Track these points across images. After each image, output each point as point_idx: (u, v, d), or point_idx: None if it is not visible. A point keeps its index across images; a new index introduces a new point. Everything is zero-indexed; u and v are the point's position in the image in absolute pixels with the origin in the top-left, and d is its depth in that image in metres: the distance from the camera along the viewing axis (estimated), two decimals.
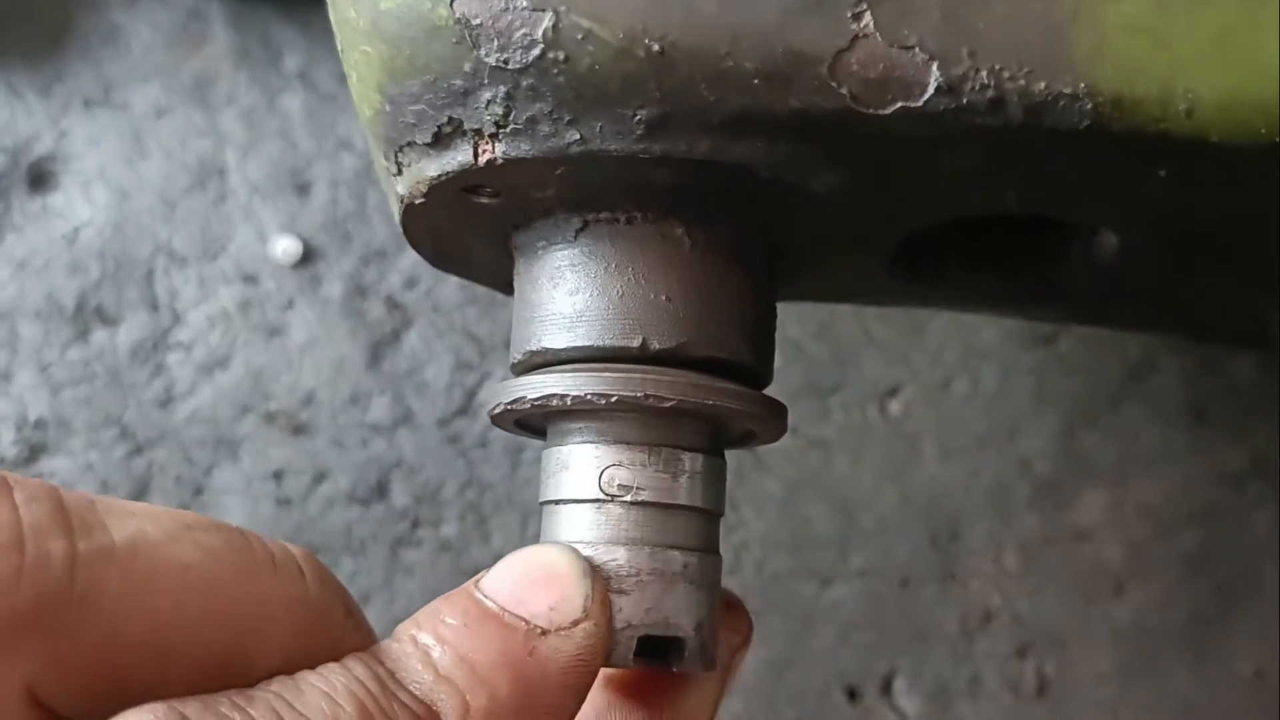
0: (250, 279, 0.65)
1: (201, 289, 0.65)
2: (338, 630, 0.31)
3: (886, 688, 0.61)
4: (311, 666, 0.29)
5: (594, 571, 0.33)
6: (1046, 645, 0.62)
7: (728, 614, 0.38)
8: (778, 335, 0.56)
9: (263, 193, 0.66)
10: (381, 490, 0.63)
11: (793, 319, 0.64)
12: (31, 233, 0.65)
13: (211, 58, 0.68)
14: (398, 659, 0.30)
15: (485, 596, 0.32)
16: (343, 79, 0.43)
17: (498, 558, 0.33)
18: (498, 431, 0.65)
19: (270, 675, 0.29)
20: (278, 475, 0.63)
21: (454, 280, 0.65)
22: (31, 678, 0.27)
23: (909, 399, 0.64)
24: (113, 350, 0.64)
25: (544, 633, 0.31)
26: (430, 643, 0.31)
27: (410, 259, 0.65)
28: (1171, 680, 0.62)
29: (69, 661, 0.27)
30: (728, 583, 0.62)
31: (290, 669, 0.29)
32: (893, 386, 0.64)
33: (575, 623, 0.32)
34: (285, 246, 0.65)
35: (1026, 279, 0.42)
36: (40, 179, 0.66)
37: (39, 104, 0.66)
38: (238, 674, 0.29)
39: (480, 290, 0.65)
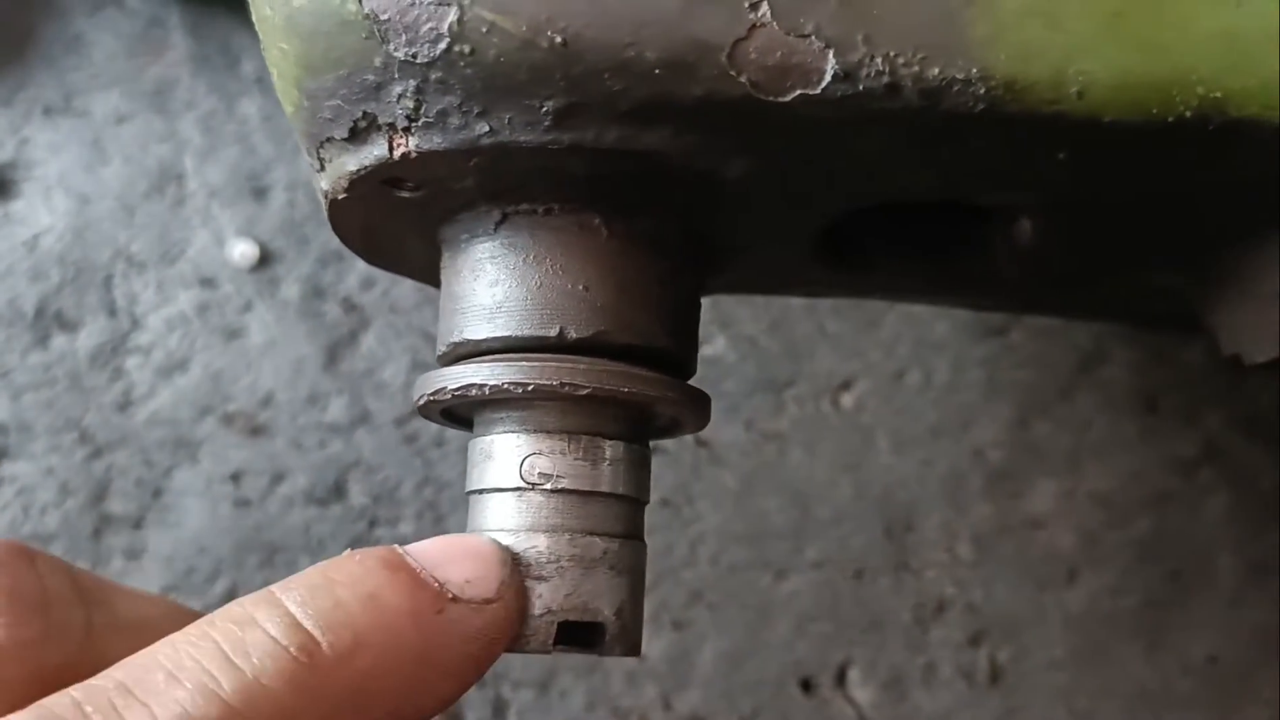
0: (208, 282, 0.65)
1: (160, 293, 0.65)
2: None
3: (841, 678, 0.62)
4: None
5: (515, 565, 0.34)
6: (1000, 633, 0.62)
7: None
8: (733, 331, 0.56)
9: (221, 197, 0.67)
10: (340, 490, 0.63)
11: (746, 315, 0.65)
12: None
13: (171, 64, 0.69)
14: (293, 587, 0.31)
15: (406, 552, 0.33)
16: None
17: None
18: (455, 431, 0.65)
19: None
20: (236, 476, 0.63)
21: (410, 282, 0.66)
22: None
23: (862, 392, 0.65)
24: (73, 355, 0.64)
25: (455, 599, 0.32)
26: (338, 577, 0.31)
27: None
28: (1125, 666, 0.62)
29: None
30: (685, 576, 0.62)
31: None
32: (846, 380, 0.65)
33: (487, 601, 0.32)
34: (243, 250, 0.66)
35: (953, 266, 0.43)
36: (2, 187, 0.67)
37: (1, 113, 0.67)
38: None
39: (436, 292, 0.66)
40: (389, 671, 0.30)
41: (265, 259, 0.66)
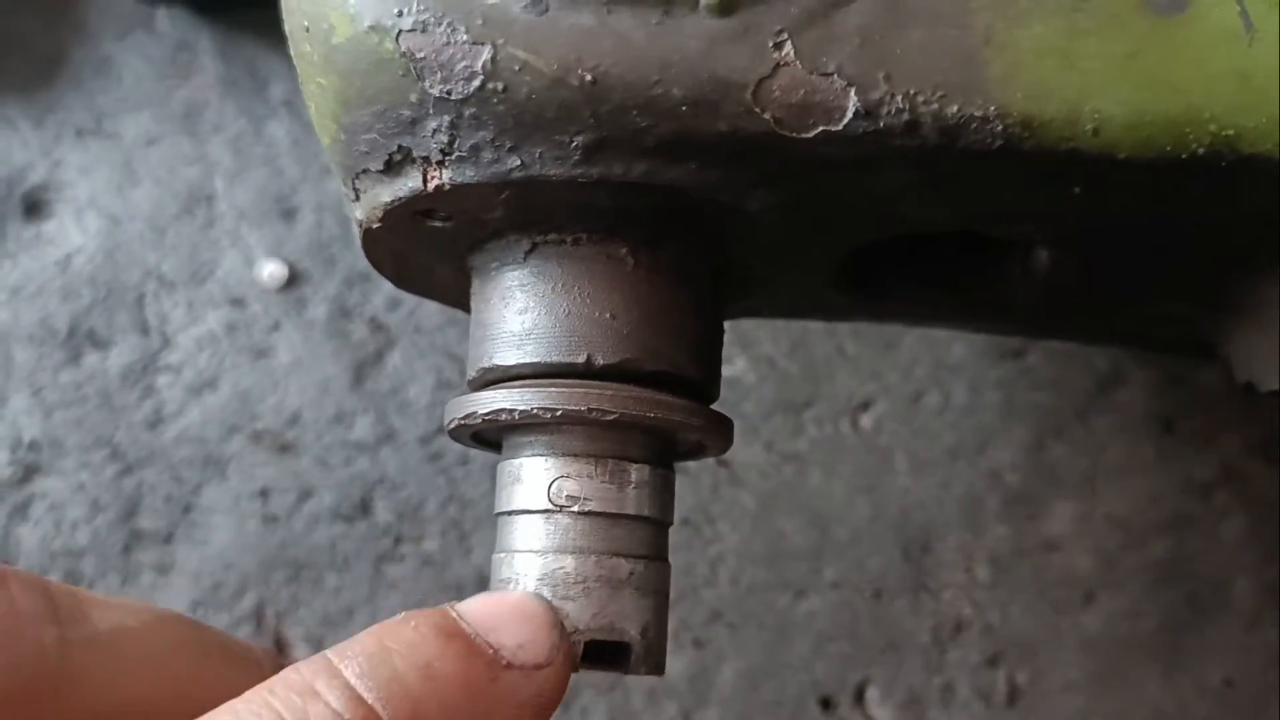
0: (237, 302, 0.67)
1: (190, 313, 0.66)
2: None
3: (860, 697, 0.62)
4: None
5: (565, 631, 0.34)
6: (1017, 655, 0.63)
7: None
8: (753, 352, 0.57)
9: (249, 218, 0.68)
10: (365, 507, 0.64)
11: (766, 337, 0.65)
12: (25, 260, 0.67)
13: (200, 87, 0.70)
14: (352, 656, 0.31)
15: (460, 616, 0.33)
16: None
17: (479, 573, 0.35)
18: (478, 451, 0.66)
19: None
20: (264, 493, 0.64)
21: (435, 303, 0.67)
22: None
23: (881, 413, 0.65)
24: (104, 373, 0.65)
25: (508, 666, 0.32)
26: (395, 646, 0.31)
27: None
28: (1141, 689, 0.62)
29: None
30: (705, 595, 0.63)
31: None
32: (865, 401, 0.65)
33: (539, 666, 0.33)
34: (271, 270, 0.67)
35: (970, 294, 0.43)
36: (34, 207, 0.68)
37: (33, 134, 0.68)
38: None
39: (461, 313, 0.67)
40: None
41: (293, 279, 0.67)
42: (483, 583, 0.39)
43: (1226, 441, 0.65)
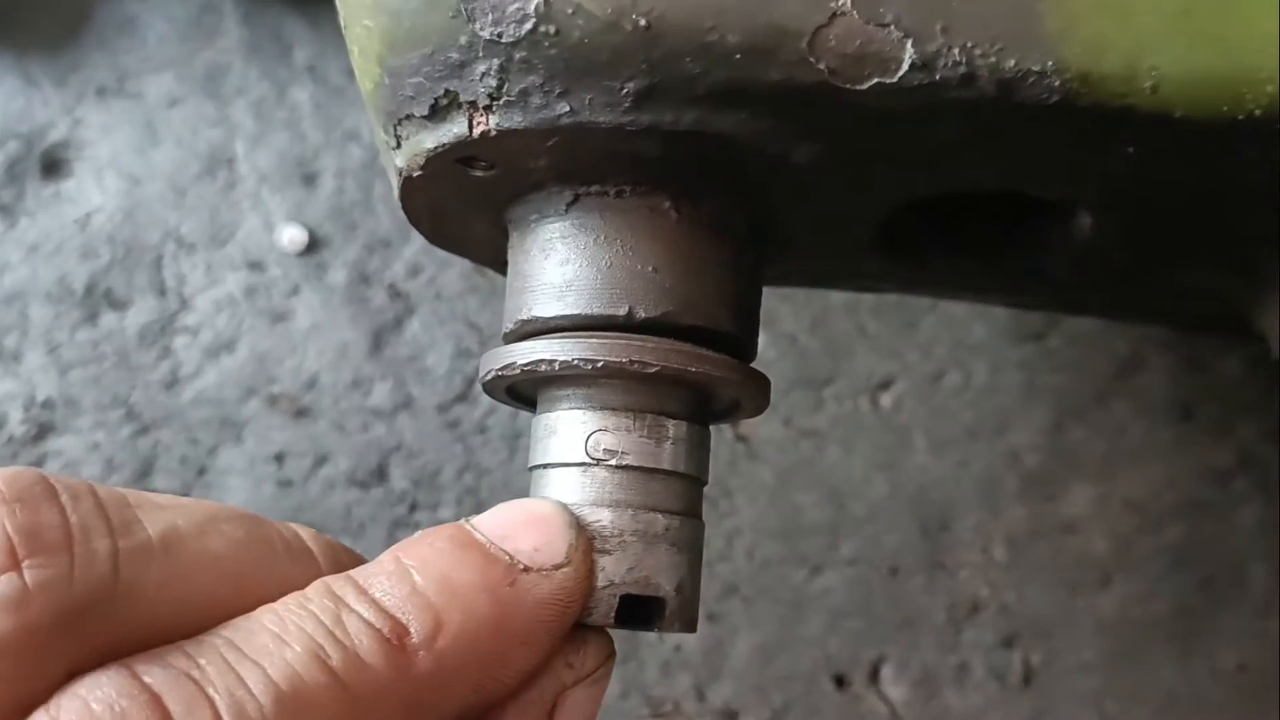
0: (256, 266, 0.66)
1: (209, 275, 0.66)
2: None
3: (874, 675, 0.62)
4: None
5: (580, 526, 0.35)
6: (1033, 635, 0.62)
7: (569, 647, 0.34)
8: (774, 329, 0.57)
9: (270, 182, 0.68)
10: (381, 473, 0.64)
11: (788, 313, 0.65)
12: (44, 218, 0.66)
13: (223, 50, 0.70)
14: (374, 575, 0.32)
15: (473, 528, 0.33)
16: (351, 73, 0.45)
17: None
18: (496, 418, 0.66)
19: None
20: (279, 457, 0.64)
21: (456, 270, 0.67)
22: (75, 665, 0.28)
23: (900, 392, 0.65)
24: (121, 333, 0.65)
25: (526, 569, 0.33)
26: (412, 563, 0.32)
27: (413, 248, 0.67)
28: (1156, 671, 0.62)
29: (112, 650, 0.29)
30: (720, 569, 0.63)
31: None
32: (885, 379, 0.65)
33: (557, 566, 0.33)
34: (291, 235, 0.67)
35: (1007, 263, 0.43)
36: (54, 166, 0.68)
37: (54, 93, 0.68)
38: None
39: (481, 280, 0.67)
40: (469, 647, 0.31)
41: (313, 244, 0.67)
42: None
43: (1245, 429, 0.65)
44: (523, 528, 0.34)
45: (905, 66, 0.32)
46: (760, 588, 0.63)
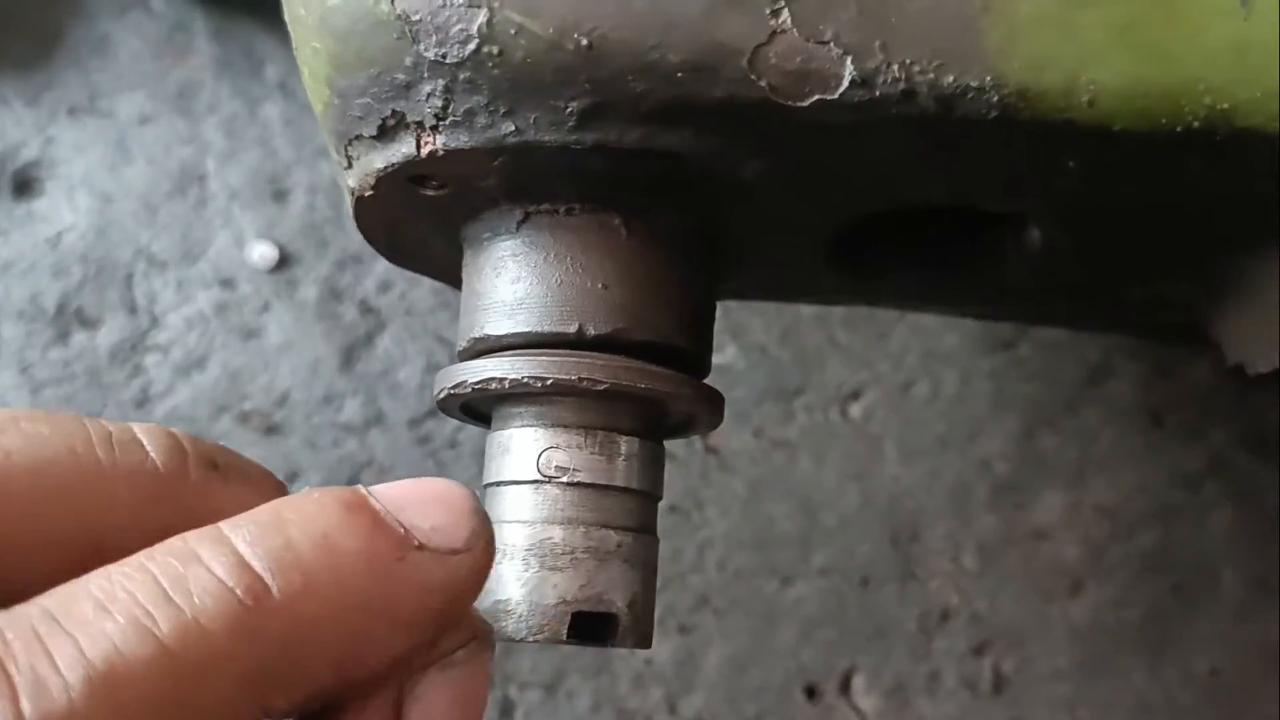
0: (227, 283, 0.66)
1: (180, 292, 0.66)
2: (196, 494, 0.30)
3: (846, 685, 0.62)
4: (173, 534, 0.28)
5: (488, 518, 0.31)
6: (1004, 643, 0.63)
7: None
8: (745, 340, 0.57)
9: (241, 199, 0.68)
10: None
11: (758, 325, 0.65)
12: (16, 237, 0.66)
13: (195, 67, 0.70)
14: (242, 525, 0.28)
15: (369, 493, 0.30)
16: None
17: None
18: (467, 433, 0.66)
19: (124, 552, 0.27)
20: None
21: (427, 286, 0.67)
22: None
23: (871, 402, 0.65)
24: (92, 351, 0.65)
25: (420, 547, 0.29)
26: (291, 516, 0.28)
27: (384, 264, 0.66)
28: (1128, 678, 0.62)
29: None
30: (692, 581, 0.63)
31: (147, 543, 0.28)
32: (855, 390, 0.65)
33: (454, 551, 0.30)
34: (262, 251, 0.67)
35: (963, 274, 0.43)
36: (26, 185, 0.68)
37: (26, 112, 0.68)
38: (86, 553, 0.28)
39: (452, 296, 0.67)
40: (336, 618, 0.28)
41: (284, 261, 0.67)
42: None
43: (1216, 433, 0.65)
44: (424, 504, 0.30)
45: (845, 83, 0.32)
46: (732, 599, 0.63)
